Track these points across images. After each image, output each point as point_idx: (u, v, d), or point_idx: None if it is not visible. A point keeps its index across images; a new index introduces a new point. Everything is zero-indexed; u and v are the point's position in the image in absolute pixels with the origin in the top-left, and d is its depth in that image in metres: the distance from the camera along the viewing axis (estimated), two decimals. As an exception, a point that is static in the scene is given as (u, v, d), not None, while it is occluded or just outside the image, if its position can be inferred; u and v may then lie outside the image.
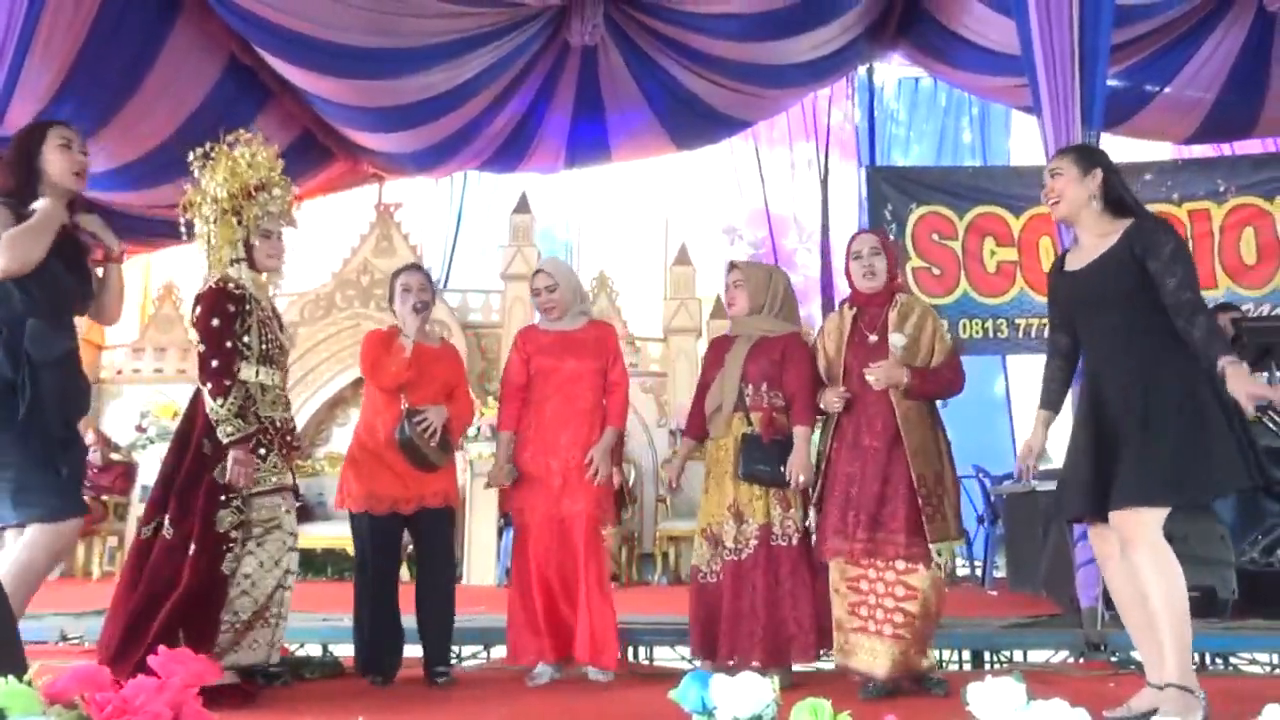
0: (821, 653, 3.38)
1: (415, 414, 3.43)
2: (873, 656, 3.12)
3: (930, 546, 3.11)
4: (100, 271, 3.13)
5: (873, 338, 3.28)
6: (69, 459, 2.87)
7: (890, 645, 3.10)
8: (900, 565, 3.12)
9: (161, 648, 2.68)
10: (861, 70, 8.37)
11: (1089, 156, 2.84)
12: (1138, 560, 2.55)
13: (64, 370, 2.82)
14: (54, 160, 2.84)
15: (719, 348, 3.64)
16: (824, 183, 9.38)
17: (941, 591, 3.25)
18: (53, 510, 2.78)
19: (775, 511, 3.38)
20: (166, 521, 2.97)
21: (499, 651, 4.22)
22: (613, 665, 3.45)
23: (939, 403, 3.38)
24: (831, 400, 3.29)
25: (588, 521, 3.47)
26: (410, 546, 3.76)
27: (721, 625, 3.34)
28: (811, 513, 3.31)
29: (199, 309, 3.08)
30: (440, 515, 3.52)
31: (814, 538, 3.37)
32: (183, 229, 3.24)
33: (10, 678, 1.37)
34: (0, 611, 1.96)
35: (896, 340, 3.21)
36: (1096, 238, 2.74)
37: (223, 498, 2.97)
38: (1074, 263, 2.81)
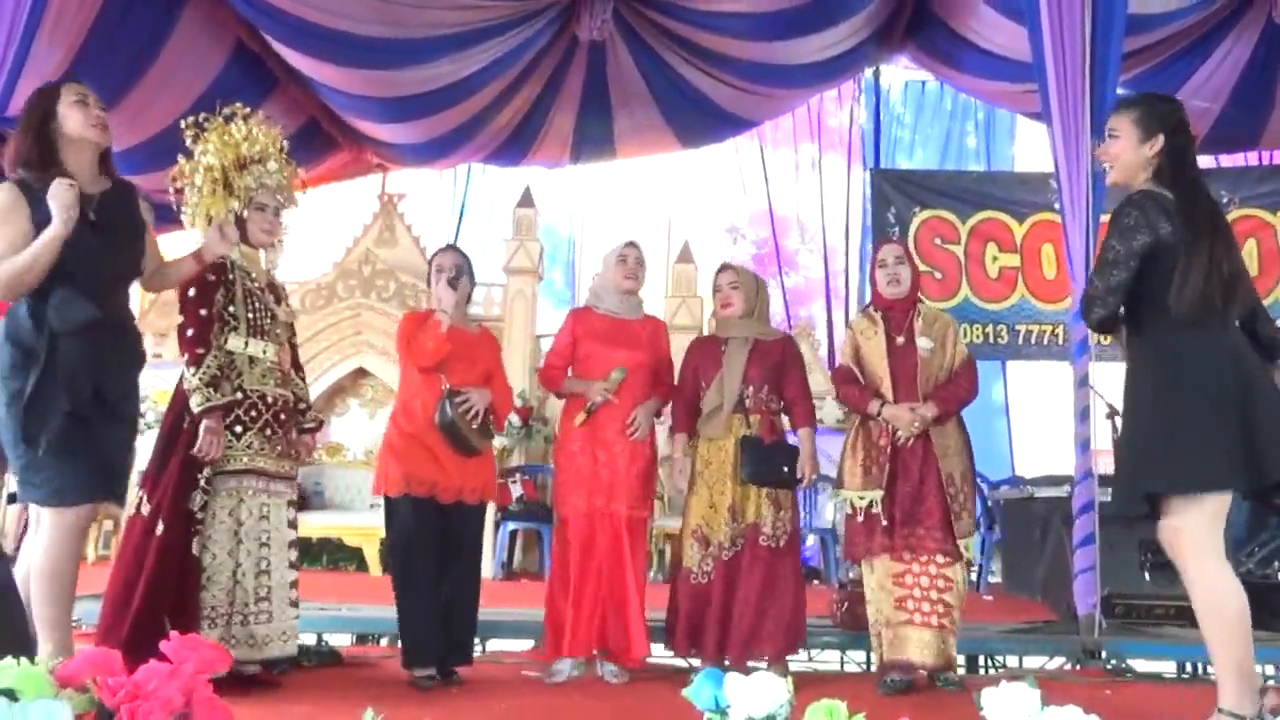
0: (791, 651, 3.49)
1: (456, 394, 3.31)
2: (921, 648, 3.25)
3: (959, 542, 3.27)
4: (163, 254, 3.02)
5: (899, 340, 3.41)
6: (98, 437, 2.63)
7: (936, 634, 3.25)
8: (940, 559, 3.26)
9: (143, 629, 2.71)
10: (867, 72, 8.37)
11: (1154, 117, 2.54)
12: (1185, 578, 2.42)
13: (92, 340, 2.61)
14: (71, 116, 2.69)
15: (708, 349, 3.66)
16: (830, 186, 9.40)
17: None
18: (52, 494, 2.57)
19: (766, 511, 3.43)
20: (144, 499, 2.95)
21: (495, 645, 4.22)
22: (637, 662, 3.44)
23: None
24: (909, 421, 3.28)
25: (630, 521, 3.46)
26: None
27: (710, 623, 3.38)
28: (862, 500, 3.34)
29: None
30: (475, 513, 3.43)
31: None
32: (172, 200, 3.18)
33: (23, 660, 1.38)
34: (7, 595, 1.95)
35: (925, 344, 3.34)
36: None
37: (196, 476, 2.91)
38: None
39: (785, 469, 3.44)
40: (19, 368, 2.55)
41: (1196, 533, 2.36)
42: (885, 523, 3.27)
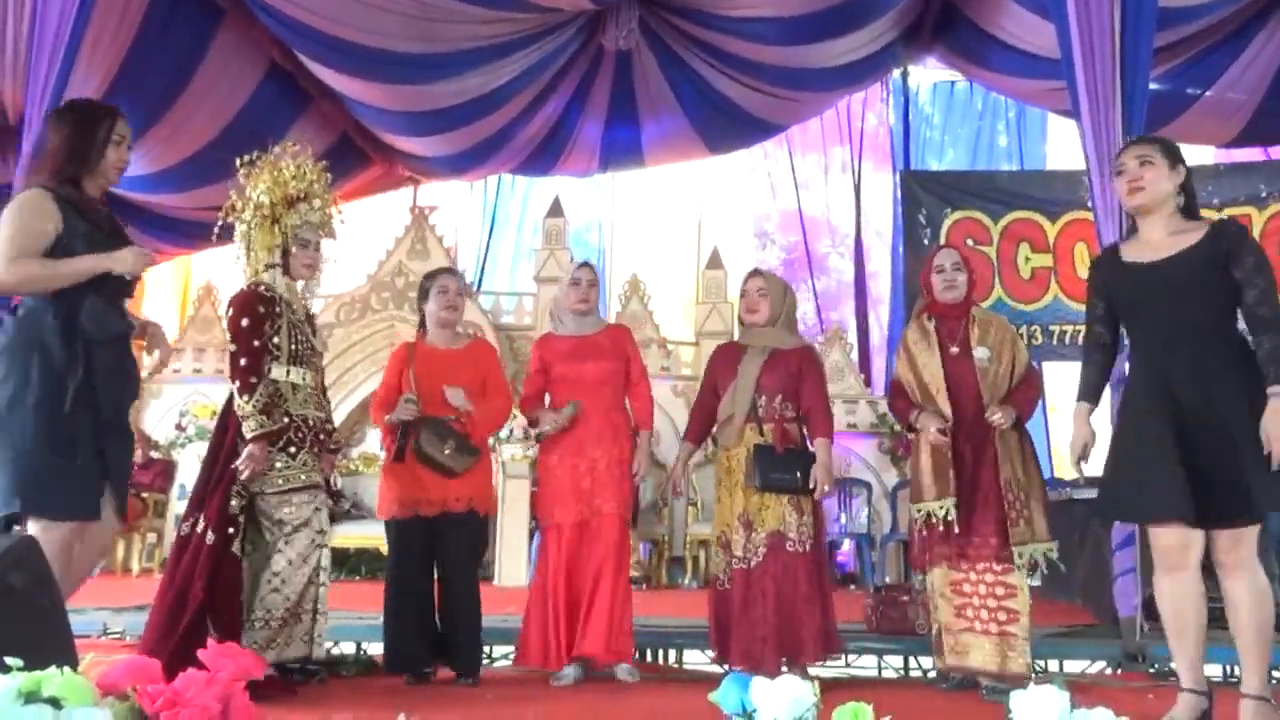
0: (828, 657, 3.47)
1: (429, 422, 3.44)
2: (984, 655, 3.22)
3: (1013, 549, 3.21)
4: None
5: (954, 349, 3.36)
6: (111, 447, 2.65)
7: (997, 642, 3.21)
8: (997, 566, 3.24)
9: (193, 640, 2.77)
10: (896, 73, 8.34)
11: (1176, 152, 2.75)
12: (1240, 584, 2.55)
13: (118, 351, 2.71)
14: (110, 154, 2.76)
15: (728, 356, 3.66)
16: (857, 187, 9.37)
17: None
18: (66, 506, 2.53)
19: (790, 518, 3.41)
20: (200, 518, 3.06)
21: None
22: (627, 658, 3.48)
23: None
24: (934, 432, 3.27)
25: (617, 521, 3.51)
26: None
27: (732, 631, 3.39)
28: (940, 509, 3.30)
29: (231, 311, 3.19)
30: (462, 520, 3.49)
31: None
32: (217, 230, 3.30)
33: (65, 669, 1.42)
34: (53, 603, 2.00)
35: (982, 354, 3.30)
36: (1168, 234, 2.70)
37: (236, 488, 3.05)
38: (1138, 255, 2.73)
39: (799, 475, 3.42)
40: (45, 374, 2.54)
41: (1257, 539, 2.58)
42: (942, 531, 3.27)
